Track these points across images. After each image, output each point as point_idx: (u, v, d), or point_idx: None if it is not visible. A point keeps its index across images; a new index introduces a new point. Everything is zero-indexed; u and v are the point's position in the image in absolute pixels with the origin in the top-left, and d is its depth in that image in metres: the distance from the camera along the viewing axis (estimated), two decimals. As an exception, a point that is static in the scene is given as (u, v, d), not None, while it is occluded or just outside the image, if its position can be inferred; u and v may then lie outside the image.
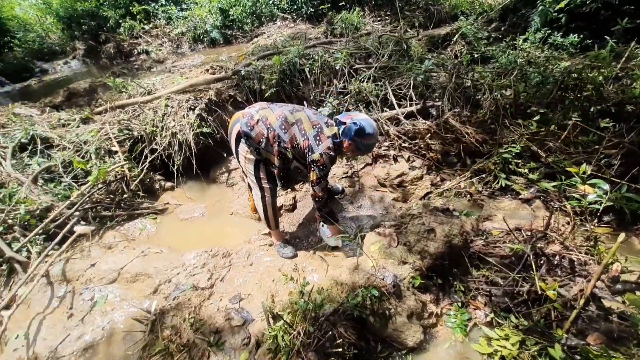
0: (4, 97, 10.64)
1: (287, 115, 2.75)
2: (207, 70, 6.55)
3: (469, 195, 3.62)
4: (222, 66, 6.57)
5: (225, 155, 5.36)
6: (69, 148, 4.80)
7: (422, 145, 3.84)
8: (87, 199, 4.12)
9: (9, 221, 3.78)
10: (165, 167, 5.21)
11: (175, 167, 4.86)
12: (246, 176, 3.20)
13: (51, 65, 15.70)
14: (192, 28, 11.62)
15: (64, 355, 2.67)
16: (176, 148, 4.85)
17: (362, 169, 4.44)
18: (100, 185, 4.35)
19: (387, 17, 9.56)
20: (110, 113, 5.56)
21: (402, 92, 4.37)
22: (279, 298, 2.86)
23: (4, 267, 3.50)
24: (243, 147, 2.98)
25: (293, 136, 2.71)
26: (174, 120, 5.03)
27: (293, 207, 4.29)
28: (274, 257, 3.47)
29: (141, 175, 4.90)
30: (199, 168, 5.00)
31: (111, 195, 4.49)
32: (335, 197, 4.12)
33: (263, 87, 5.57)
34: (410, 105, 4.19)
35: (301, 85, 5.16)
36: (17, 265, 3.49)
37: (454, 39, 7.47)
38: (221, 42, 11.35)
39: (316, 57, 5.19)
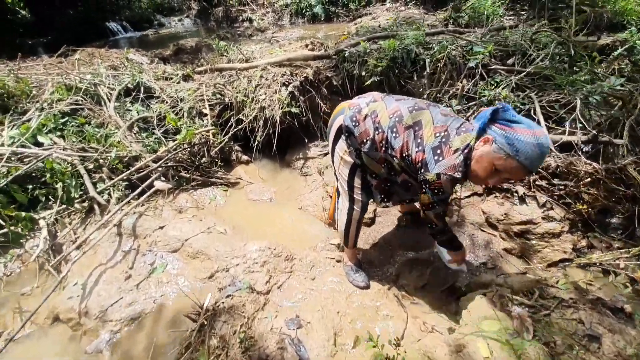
0: (125, 42, 11.97)
1: (403, 113, 2.03)
2: (307, 46, 6.11)
3: (629, 282, 2.51)
4: (323, 43, 6.05)
5: (306, 141, 4.92)
6: (166, 102, 4.88)
7: (571, 192, 2.78)
8: (172, 156, 4.09)
9: (100, 161, 3.94)
10: (245, 139, 5.02)
11: (256, 143, 4.58)
12: (336, 179, 2.63)
13: (168, 20, 17.35)
14: (297, 0, 11.37)
15: (112, 319, 2.57)
16: (261, 123, 4.55)
17: (466, 197, 3.53)
18: (185, 145, 4.31)
19: (522, 13, 7.86)
20: (209, 75, 5.55)
21: (555, 112, 3.27)
22: (343, 339, 2.31)
23: (85, 204, 3.65)
24: (342, 145, 2.38)
25: (405, 144, 2.00)
26: (265, 94, 4.72)
27: (371, 222, 3.65)
28: (341, 278, 2.91)
29: (222, 144, 4.77)
30: (277, 148, 4.65)
31: (192, 157, 4.43)
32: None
33: (363, 73, 4.89)
34: (568, 132, 3.08)
35: (414, 79, 4.33)
36: (96, 207, 3.60)
37: (615, 53, 5.66)
38: (322, 18, 10.89)
39: (438, 48, 4.27)
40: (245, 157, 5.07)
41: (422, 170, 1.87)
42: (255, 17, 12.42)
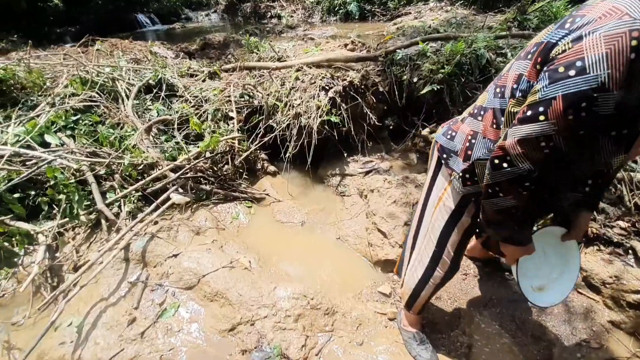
0: (152, 35, 11.69)
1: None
2: (345, 46, 5.47)
3: None
4: (364, 43, 5.38)
5: (345, 155, 4.26)
6: (190, 102, 4.35)
7: None
8: (192, 166, 3.54)
9: (112, 167, 3.44)
10: (273, 147, 4.43)
11: (287, 155, 3.97)
12: (417, 223, 1.95)
13: (195, 14, 17.14)
14: (331, -2, 10.76)
15: (109, 384, 2.01)
16: (294, 132, 3.93)
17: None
18: (207, 154, 3.76)
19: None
20: (238, 73, 5.00)
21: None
22: None
23: (92, 216, 3.14)
24: (442, 180, 1.68)
25: (505, 76, 1.33)
26: (300, 98, 4.11)
27: (428, 265, 2.94)
28: (398, 348, 2.24)
29: (248, 152, 4.20)
30: (309, 160, 4.03)
31: (214, 167, 3.88)
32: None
33: (415, 79, 4.19)
34: None
35: (480, 88, 3.61)
36: (103, 221, 3.08)
37: None
38: (356, 17, 10.22)
39: (513, 54, 3.52)
40: (272, 168, 4.48)
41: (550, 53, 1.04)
42: (284, 14, 11.89)
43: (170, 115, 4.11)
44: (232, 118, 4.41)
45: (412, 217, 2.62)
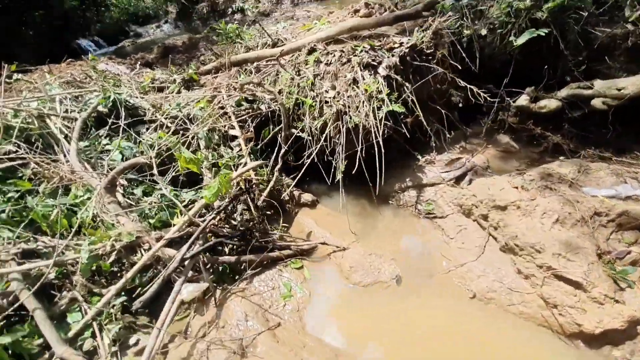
0: (100, 58, 9.91)
1: None
2: (356, 12, 4.08)
3: None
4: (383, 4, 4.00)
5: (417, 157, 2.91)
6: (166, 127, 2.87)
7: None
8: (202, 231, 2.10)
9: (68, 266, 1.97)
10: (300, 165, 3.03)
11: (338, 175, 2.58)
12: None
13: (144, 29, 15.23)
14: (300, -25, 9.28)
15: None
16: (342, 139, 2.55)
17: None
18: (218, 204, 2.33)
19: None
20: (224, 74, 3.53)
21: None
22: None
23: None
24: None
25: None
26: (333, 88, 2.71)
27: None
28: None
29: (272, 182, 2.79)
30: (360, 173, 2.65)
31: (231, 220, 2.45)
32: None
33: (485, 31, 2.89)
34: None
35: (611, 26, 2.34)
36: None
37: None
38: (333, -8, 8.79)
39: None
40: (307, 197, 3.08)
41: None
42: (247, 6, 10.32)
43: (143, 153, 2.63)
44: (235, 137, 2.97)
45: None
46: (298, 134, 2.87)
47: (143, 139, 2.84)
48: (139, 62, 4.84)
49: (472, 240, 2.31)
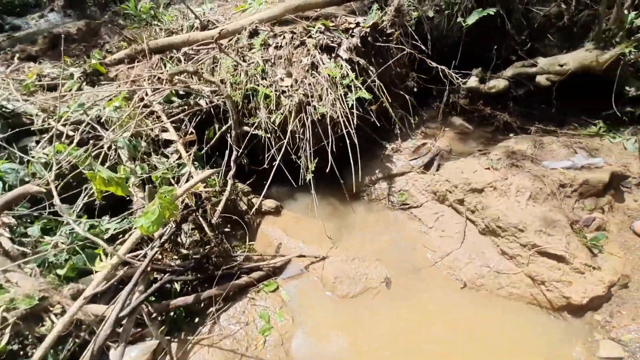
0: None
1: None
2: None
3: None
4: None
5: (384, 144, 2.74)
6: (66, 136, 2.13)
7: None
8: (139, 278, 1.55)
9: None
10: (252, 168, 2.61)
11: (308, 175, 2.26)
12: None
13: (23, 20, 12.26)
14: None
15: None
16: (308, 134, 2.22)
17: None
18: (159, 232, 1.78)
19: None
20: (142, 64, 2.83)
21: None
22: None
23: None
24: None
25: None
26: (289, 76, 2.34)
27: None
28: None
29: (227, 192, 2.32)
30: (327, 171, 2.38)
31: (181, 248, 1.93)
32: None
33: (431, 13, 2.87)
34: None
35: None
36: None
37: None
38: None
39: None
40: (270, 203, 2.68)
41: None
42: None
43: (35, 176, 1.88)
44: (170, 142, 2.38)
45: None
46: (253, 132, 2.43)
47: (33, 157, 2.06)
48: (18, 56, 3.66)
49: (451, 227, 2.24)
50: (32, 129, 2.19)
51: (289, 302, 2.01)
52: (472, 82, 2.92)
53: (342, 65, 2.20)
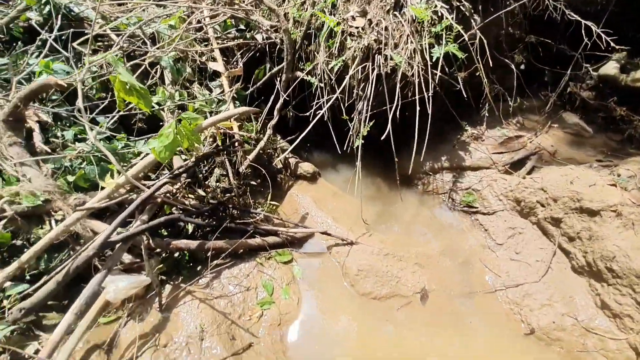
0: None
1: None
2: None
3: None
4: None
5: (464, 125, 2.18)
6: (120, 47, 2.01)
7: None
8: (144, 200, 1.37)
9: None
10: (303, 124, 2.28)
11: (357, 141, 1.86)
12: None
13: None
14: None
15: None
16: (369, 89, 1.78)
17: None
18: (179, 164, 1.59)
19: None
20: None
21: None
22: None
23: None
24: None
25: None
26: (363, 15, 1.87)
27: None
28: None
29: (263, 142, 2.04)
30: (379, 144, 1.91)
31: (195, 189, 1.73)
32: None
33: None
34: None
35: None
36: None
37: None
38: None
39: None
40: (307, 167, 2.36)
41: None
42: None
43: (71, 75, 1.80)
44: (217, 74, 2.15)
45: None
46: (305, 78, 2.07)
47: (83, 62, 2.00)
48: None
49: (531, 252, 1.67)
50: (86, 32, 2.13)
51: (300, 281, 1.71)
52: (610, 68, 2.10)
53: (436, 5, 1.66)
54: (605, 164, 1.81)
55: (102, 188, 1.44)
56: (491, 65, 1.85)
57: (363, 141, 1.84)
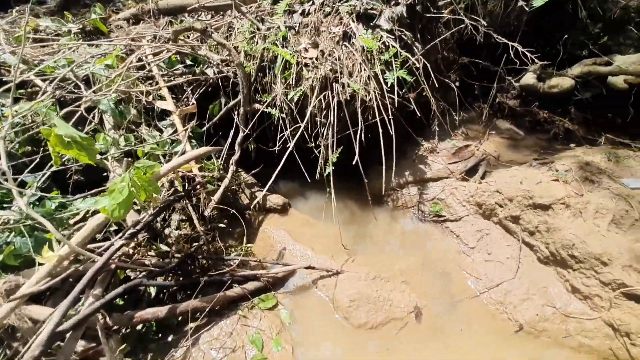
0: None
1: None
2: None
3: None
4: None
5: (420, 141, 2.31)
6: (49, 94, 1.76)
7: None
8: (98, 272, 1.14)
9: None
10: (262, 155, 2.22)
11: (328, 168, 1.85)
12: None
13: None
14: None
15: None
16: (332, 116, 1.81)
17: None
18: (133, 219, 1.38)
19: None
20: (147, 25, 2.47)
21: None
22: None
23: None
24: None
25: None
26: (314, 46, 1.94)
27: None
28: None
29: (227, 180, 1.91)
30: (345, 168, 1.95)
31: (160, 245, 1.52)
32: None
33: None
34: None
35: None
36: None
37: None
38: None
39: None
40: (276, 199, 2.26)
41: None
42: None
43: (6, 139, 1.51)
44: (167, 113, 1.99)
45: None
46: (265, 110, 2.03)
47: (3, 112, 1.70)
48: (23, 13, 3.36)
49: (501, 250, 1.79)
50: (4, 79, 1.83)
51: (290, 326, 1.57)
52: (529, 79, 2.46)
53: (381, 37, 1.78)
54: (542, 162, 2.07)
55: (39, 263, 1.17)
56: (436, 85, 2.04)
57: (333, 167, 1.83)
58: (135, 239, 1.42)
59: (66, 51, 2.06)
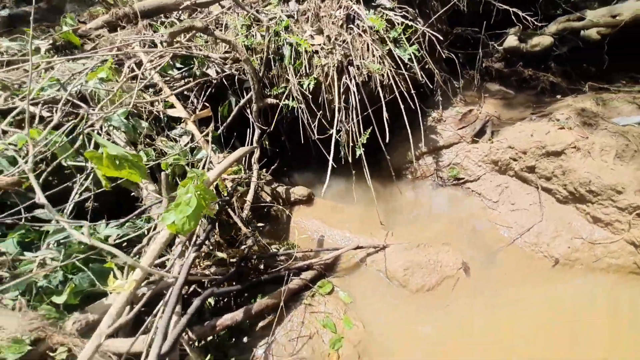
0: None
1: None
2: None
3: None
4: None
5: (428, 112, 2.40)
6: (41, 119, 1.61)
7: None
8: (181, 289, 1.11)
9: None
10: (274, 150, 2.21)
11: (358, 150, 1.89)
12: None
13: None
14: None
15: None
16: (353, 99, 1.83)
17: None
18: (190, 233, 1.33)
19: None
20: (127, 31, 2.29)
21: None
22: None
23: None
24: None
25: None
26: (319, 32, 1.93)
27: None
28: None
29: (254, 180, 1.88)
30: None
31: (218, 253, 1.48)
32: None
33: None
34: None
35: None
36: None
37: None
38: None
39: None
40: (301, 191, 2.27)
41: None
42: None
43: (2, 173, 1.36)
44: (175, 122, 1.89)
45: None
46: (281, 103, 2.00)
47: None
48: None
49: (522, 199, 1.95)
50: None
51: (352, 305, 1.63)
52: (511, 41, 2.64)
53: (387, 15, 1.82)
54: (540, 115, 2.26)
55: (110, 293, 1.11)
56: (443, 57, 2.12)
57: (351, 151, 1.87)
58: (199, 251, 1.38)
59: (50, 70, 1.86)
